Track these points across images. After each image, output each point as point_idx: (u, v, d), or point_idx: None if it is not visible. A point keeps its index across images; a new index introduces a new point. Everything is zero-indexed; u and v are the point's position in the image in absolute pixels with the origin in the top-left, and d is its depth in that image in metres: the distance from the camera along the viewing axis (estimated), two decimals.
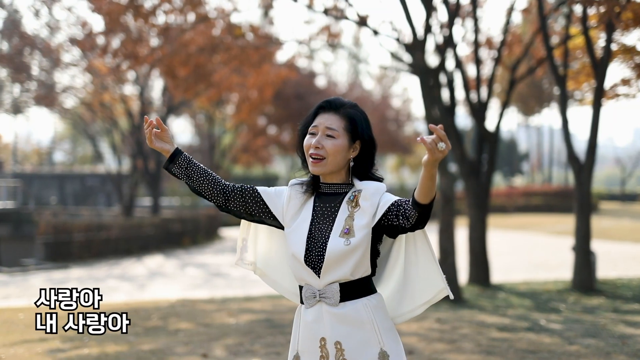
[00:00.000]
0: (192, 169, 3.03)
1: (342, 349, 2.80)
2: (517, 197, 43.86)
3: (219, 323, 9.21)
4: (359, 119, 2.95)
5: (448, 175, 12.08)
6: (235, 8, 15.95)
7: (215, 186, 3.03)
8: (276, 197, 3.02)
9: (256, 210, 3.02)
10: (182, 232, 29.19)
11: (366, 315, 2.81)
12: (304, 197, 2.99)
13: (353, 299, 2.83)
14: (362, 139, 2.93)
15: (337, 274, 2.80)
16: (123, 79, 29.51)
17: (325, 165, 2.90)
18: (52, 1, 25.99)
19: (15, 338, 8.38)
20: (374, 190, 2.86)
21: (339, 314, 2.81)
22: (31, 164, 66.16)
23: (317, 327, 2.85)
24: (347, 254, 2.79)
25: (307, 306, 2.89)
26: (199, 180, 3.03)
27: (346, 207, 2.88)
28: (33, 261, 23.97)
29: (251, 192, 3.03)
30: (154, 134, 3.04)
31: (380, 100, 43.52)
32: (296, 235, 2.90)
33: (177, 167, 3.04)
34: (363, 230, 2.80)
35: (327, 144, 2.88)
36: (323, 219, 2.91)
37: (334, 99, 2.99)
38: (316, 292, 2.85)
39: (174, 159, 3.04)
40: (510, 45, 15.78)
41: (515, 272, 16.10)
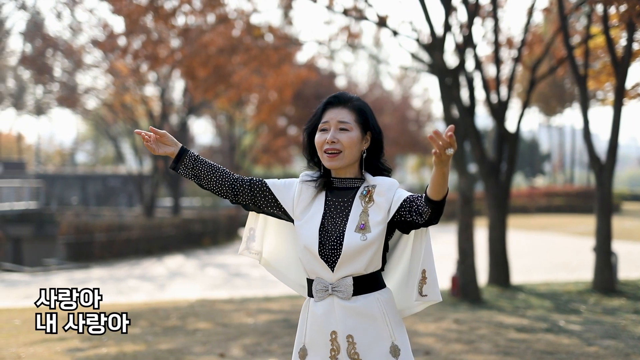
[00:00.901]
0: (199, 168, 3.04)
1: (354, 343, 2.81)
2: (538, 197, 43.58)
3: (237, 323, 9.23)
4: (367, 110, 2.98)
5: (467, 176, 12.02)
6: (255, 9, 15.98)
7: (223, 182, 3.04)
8: (285, 189, 3.03)
9: (264, 203, 3.04)
10: (202, 233, 29.30)
11: (378, 309, 2.83)
12: (315, 191, 3.00)
13: (365, 292, 2.84)
14: (372, 130, 2.96)
15: (351, 268, 2.81)
16: (144, 80, 29.68)
17: (343, 159, 2.91)
18: (74, 3, 26.17)
19: (35, 337, 8.44)
20: (388, 186, 2.88)
21: (352, 307, 2.82)
22: (54, 165, 66.69)
23: (328, 321, 2.85)
24: (363, 249, 2.80)
25: (317, 299, 2.89)
26: (206, 178, 3.05)
27: (359, 202, 2.89)
28: (55, 261, 24.18)
29: (259, 186, 3.04)
30: (154, 141, 3.06)
31: (400, 100, 43.44)
32: (308, 228, 2.91)
33: (183, 167, 3.05)
34: (379, 226, 2.82)
35: (342, 137, 2.90)
36: (336, 213, 2.92)
37: (341, 93, 3.01)
38: (328, 285, 2.85)
39: (179, 158, 3.05)
40: (531, 44, 15.68)
41: (535, 273, 16.00)
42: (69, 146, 72.57)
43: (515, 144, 13.14)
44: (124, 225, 26.46)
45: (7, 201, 34.01)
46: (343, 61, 46.30)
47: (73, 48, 29.85)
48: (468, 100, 12.56)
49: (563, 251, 21.25)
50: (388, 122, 40.16)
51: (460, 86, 12.24)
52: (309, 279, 2.94)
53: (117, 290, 15.79)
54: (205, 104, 32.11)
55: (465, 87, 12.80)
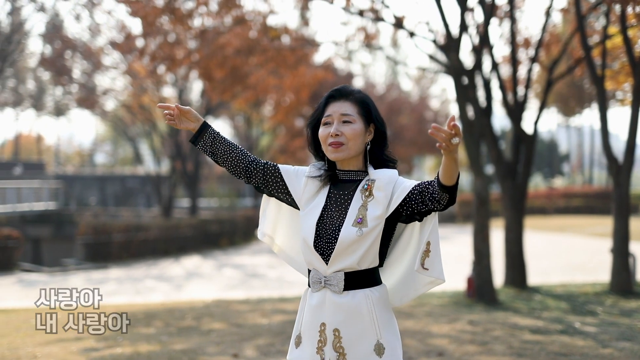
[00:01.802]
0: (217, 145, 3.08)
1: (339, 337, 2.83)
2: (557, 198, 43.35)
3: (251, 323, 9.25)
4: (370, 102, 3.00)
5: (483, 177, 11.98)
6: (272, 10, 16.02)
7: (238, 162, 3.08)
8: (296, 177, 3.07)
9: (275, 188, 3.08)
10: (219, 233, 29.37)
11: (366, 306, 2.83)
12: (320, 182, 3.02)
13: (356, 288, 2.85)
14: (375, 122, 2.97)
15: (345, 262, 2.83)
16: (162, 81, 29.82)
17: (346, 151, 2.92)
18: (93, 5, 26.34)
19: (51, 337, 8.50)
20: (387, 180, 2.88)
21: (340, 302, 2.84)
22: (73, 166, 67.10)
23: (319, 312, 2.88)
24: (357, 243, 2.81)
25: (312, 290, 2.93)
26: (223, 156, 3.08)
27: (360, 195, 2.89)
28: (73, 261, 24.34)
29: (272, 170, 3.08)
30: (177, 116, 3.10)
31: (418, 101, 43.35)
32: (308, 220, 2.94)
33: (202, 143, 3.09)
34: (376, 221, 2.82)
35: (345, 129, 2.91)
36: (336, 206, 2.93)
37: (342, 87, 3.02)
38: (322, 278, 2.88)
39: (200, 133, 3.09)
40: (548, 45, 15.61)
41: (552, 274, 15.93)
42: (88, 147, 73.05)
43: (532, 145, 13.08)
44: (142, 225, 26.59)
45: (27, 202, 34.26)
46: (361, 62, 46.28)
47: (92, 50, 30.05)
48: (484, 100, 12.52)
49: (581, 252, 21.13)
50: (405, 123, 40.11)
51: (477, 87, 12.20)
52: (309, 269, 2.97)
53: (134, 291, 15.87)
54: (223, 105, 32.21)
55: (482, 88, 12.76)
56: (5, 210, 31.75)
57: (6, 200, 32.68)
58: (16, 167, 45.44)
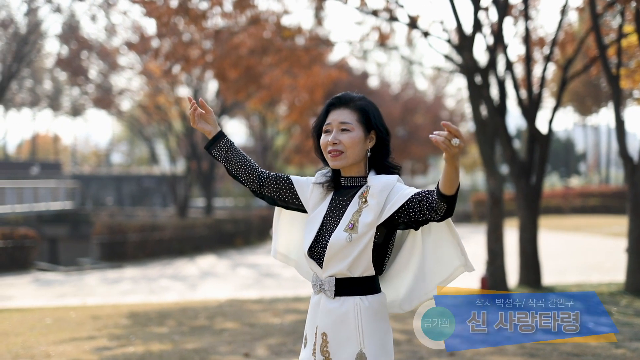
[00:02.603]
0: (232, 154, 3.10)
1: (326, 341, 2.86)
2: (573, 198, 43.10)
3: (263, 323, 9.27)
4: (370, 109, 2.98)
5: (496, 177, 11.94)
6: (286, 10, 16.03)
7: (251, 172, 3.11)
8: (306, 185, 3.10)
9: (288, 198, 3.10)
10: (234, 233, 29.43)
11: (353, 314, 2.83)
12: (325, 190, 3.04)
13: (346, 295, 2.86)
14: (376, 129, 2.96)
15: (336, 267, 2.84)
16: (177, 81, 29.89)
17: (345, 159, 2.93)
18: (109, 5, 26.46)
19: (65, 336, 8.56)
20: (381, 187, 2.86)
21: (330, 307, 2.87)
22: (89, 166, 67.41)
23: (315, 315, 2.93)
24: (347, 249, 2.82)
25: (314, 293, 2.99)
26: (237, 165, 3.11)
27: (357, 201, 2.90)
28: (89, 261, 24.47)
29: (285, 181, 3.11)
30: (198, 114, 3.11)
31: (433, 100, 43.24)
32: (310, 227, 2.97)
33: (217, 150, 3.11)
34: (366, 228, 2.82)
35: (343, 138, 2.91)
36: (335, 212, 2.95)
37: (343, 94, 3.02)
38: (318, 282, 2.92)
39: (215, 141, 3.11)
40: (564, 44, 15.51)
41: (568, 274, 15.84)
42: (105, 147, 73.40)
43: (547, 144, 13.00)
44: (157, 225, 26.70)
45: (43, 201, 34.47)
46: (376, 61, 46.21)
47: (107, 50, 30.20)
48: (499, 100, 12.47)
49: (597, 252, 21.00)
50: (421, 122, 40.03)
51: (490, 86, 12.15)
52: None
53: (149, 290, 15.93)
54: (238, 105, 32.27)
55: (496, 87, 12.71)
56: (22, 210, 31.96)
57: (23, 200, 32.89)
58: (33, 167, 45.75)
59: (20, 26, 24.67)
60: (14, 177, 37.22)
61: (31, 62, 30.42)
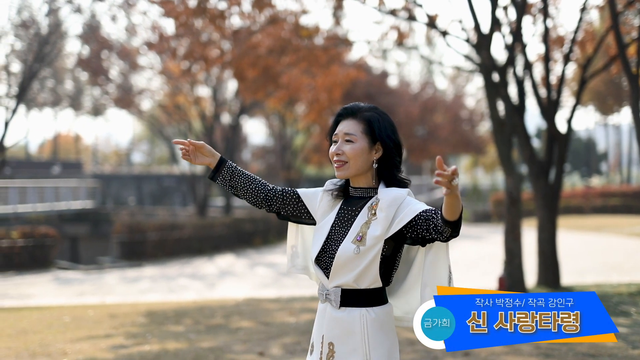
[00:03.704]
0: (235, 179, 3.11)
1: (333, 351, 2.88)
2: (594, 197, 42.78)
3: (279, 322, 9.29)
4: (375, 120, 2.97)
5: (514, 176, 11.88)
6: (304, 10, 16.04)
7: (257, 193, 3.12)
8: (313, 198, 3.11)
9: (296, 212, 3.12)
10: (253, 232, 29.49)
11: (360, 325, 2.84)
12: (334, 199, 3.05)
13: (353, 306, 2.87)
14: (382, 141, 2.95)
15: (342, 279, 2.86)
16: (196, 81, 29.99)
17: (348, 169, 2.94)
18: (129, 6, 26.59)
19: (82, 334, 8.63)
20: (390, 201, 2.87)
21: (336, 317, 2.88)
22: (110, 165, 67.81)
23: (321, 324, 2.95)
24: (354, 261, 2.83)
25: (320, 302, 3.00)
26: (242, 189, 3.12)
27: (366, 213, 2.91)
28: (108, 259, 24.61)
29: (291, 195, 3.12)
30: (192, 152, 3.10)
31: (453, 99, 43.08)
32: (317, 236, 2.98)
33: (221, 178, 3.12)
34: (374, 241, 2.83)
35: (346, 149, 2.93)
36: (344, 222, 2.96)
37: (351, 105, 3.03)
38: (324, 291, 2.93)
39: (218, 169, 3.11)
40: (584, 42, 15.40)
41: (587, 274, 15.73)
42: (125, 146, 73.82)
43: (566, 144, 12.91)
44: (177, 224, 26.83)
45: (65, 200, 34.75)
46: (396, 60, 46.14)
47: (128, 50, 30.37)
48: (517, 99, 12.40)
49: (618, 252, 20.84)
50: (440, 122, 39.91)
51: (508, 84, 12.09)
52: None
53: (167, 289, 16.01)
54: (257, 104, 32.34)
55: (515, 86, 12.64)
56: (44, 209, 32.23)
57: (45, 199, 33.19)
58: (54, 166, 46.10)
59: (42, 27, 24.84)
60: (35, 176, 37.56)
61: (52, 62, 30.60)
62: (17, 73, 25.70)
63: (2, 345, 7.91)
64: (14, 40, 25.58)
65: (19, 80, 23.73)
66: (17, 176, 35.11)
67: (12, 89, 25.77)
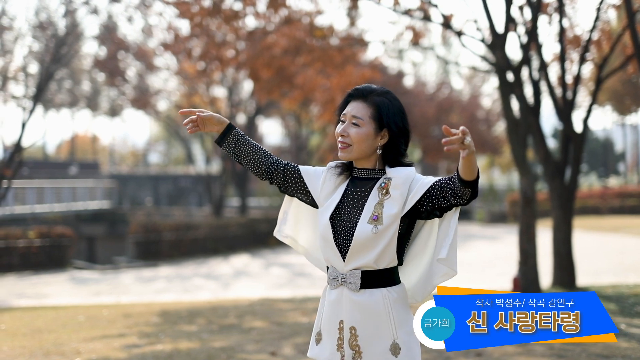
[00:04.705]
0: (240, 146, 3.09)
1: (356, 335, 2.85)
2: (611, 198, 42.48)
3: (292, 322, 9.30)
4: (385, 106, 2.94)
5: (529, 176, 11.83)
6: (319, 10, 16.05)
7: (260, 164, 3.10)
8: (315, 177, 3.08)
9: (295, 188, 3.11)
10: (268, 232, 29.50)
11: (383, 306, 2.84)
12: (338, 179, 3.03)
13: (373, 287, 2.85)
14: (389, 127, 2.93)
15: (361, 260, 2.84)
16: (212, 81, 30.07)
17: (351, 152, 2.94)
18: (145, 7, 26.69)
19: (95, 333, 8.68)
20: (404, 179, 2.88)
21: (357, 300, 2.85)
22: (127, 165, 68.10)
23: (338, 310, 2.90)
24: (373, 241, 2.82)
25: (330, 287, 2.95)
26: (246, 158, 3.11)
27: (377, 193, 2.90)
28: (124, 259, 24.73)
29: (292, 171, 3.10)
30: (200, 121, 3.09)
31: (469, 99, 42.93)
32: (324, 217, 2.95)
33: (226, 144, 3.11)
34: (391, 219, 2.82)
35: (352, 132, 2.92)
36: (353, 203, 2.94)
37: (364, 86, 3.00)
38: (339, 275, 2.89)
39: (225, 135, 3.11)
40: (600, 42, 15.30)
41: (603, 275, 15.63)
42: (142, 147, 74.13)
43: (582, 144, 12.83)
44: (192, 224, 26.93)
45: (82, 201, 34.96)
46: (412, 61, 46.04)
47: (144, 51, 30.50)
48: (532, 99, 12.34)
49: (635, 253, 20.69)
50: (456, 122, 39.80)
51: (523, 84, 12.03)
52: (327, 267, 2.99)
53: (182, 289, 16.06)
54: (273, 105, 32.39)
55: (530, 86, 12.58)
56: (61, 209, 32.44)
57: (62, 199, 33.41)
58: (72, 166, 46.37)
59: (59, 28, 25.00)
60: (53, 176, 37.82)
61: (69, 63, 30.78)
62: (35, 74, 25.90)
63: (16, 344, 7.97)
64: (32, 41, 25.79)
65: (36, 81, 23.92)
66: (35, 176, 35.35)
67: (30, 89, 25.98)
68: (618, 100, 46.76)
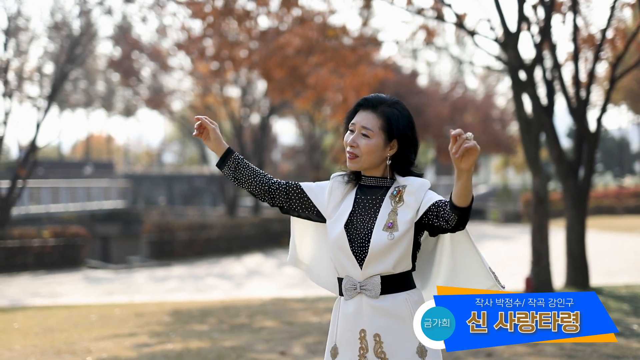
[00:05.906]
0: (240, 170, 3.09)
1: (380, 342, 2.83)
2: (627, 198, 42.22)
3: (302, 321, 9.29)
4: (395, 117, 2.92)
5: (541, 176, 11.76)
6: (332, 10, 16.03)
7: (261, 185, 3.08)
8: (319, 191, 3.06)
9: (300, 206, 3.08)
10: (281, 232, 29.54)
11: (406, 309, 2.83)
12: (345, 188, 3.02)
13: (393, 292, 2.85)
14: (398, 138, 2.92)
15: (379, 267, 2.83)
16: (226, 81, 30.12)
17: (360, 163, 2.93)
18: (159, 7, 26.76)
19: (107, 332, 8.71)
20: (419, 186, 2.87)
21: (379, 306, 2.84)
22: (142, 165, 68.34)
23: (357, 319, 2.87)
24: (390, 248, 2.81)
25: (346, 298, 2.91)
26: (246, 181, 3.09)
27: (389, 201, 2.89)
28: (138, 259, 24.81)
29: (295, 189, 3.08)
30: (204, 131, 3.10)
31: (483, 99, 42.77)
32: (336, 225, 2.93)
33: (227, 168, 3.10)
34: (406, 225, 2.82)
35: (361, 143, 2.90)
36: (365, 211, 2.93)
37: (373, 96, 2.98)
38: (357, 283, 2.87)
39: (224, 159, 3.10)
40: (614, 40, 15.19)
41: (618, 275, 15.53)
42: (157, 147, 74.36)
43: (596, 143, 12.73)
44: (206, 224, 26.99)
45: (96, 200, 35.12)
46: (426, 60, 45.95)
47: (158, 51, 30.60)
48: (545, 98, 12.28)
49: None
50: (470, 122, 39.66)
51: (536, 83, 11.97)
52: (339, 278, 2.95)
53: (195, 288, 16.10)
54: (287, 105, 32.41)
55: (543, 85, 12.51)
56: (76, 209, 32.60)
57: (77, 199, 33.58)
58: (87, 166, 46.59)
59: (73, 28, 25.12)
60: (68, 176, 38.01)
61: (84, 64, 30.94)
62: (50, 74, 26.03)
63: (28, 343, 8.01)
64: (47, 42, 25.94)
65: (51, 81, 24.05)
66: (50, 176, 35.55)
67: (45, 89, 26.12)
68: (633, 99, 46.44)
